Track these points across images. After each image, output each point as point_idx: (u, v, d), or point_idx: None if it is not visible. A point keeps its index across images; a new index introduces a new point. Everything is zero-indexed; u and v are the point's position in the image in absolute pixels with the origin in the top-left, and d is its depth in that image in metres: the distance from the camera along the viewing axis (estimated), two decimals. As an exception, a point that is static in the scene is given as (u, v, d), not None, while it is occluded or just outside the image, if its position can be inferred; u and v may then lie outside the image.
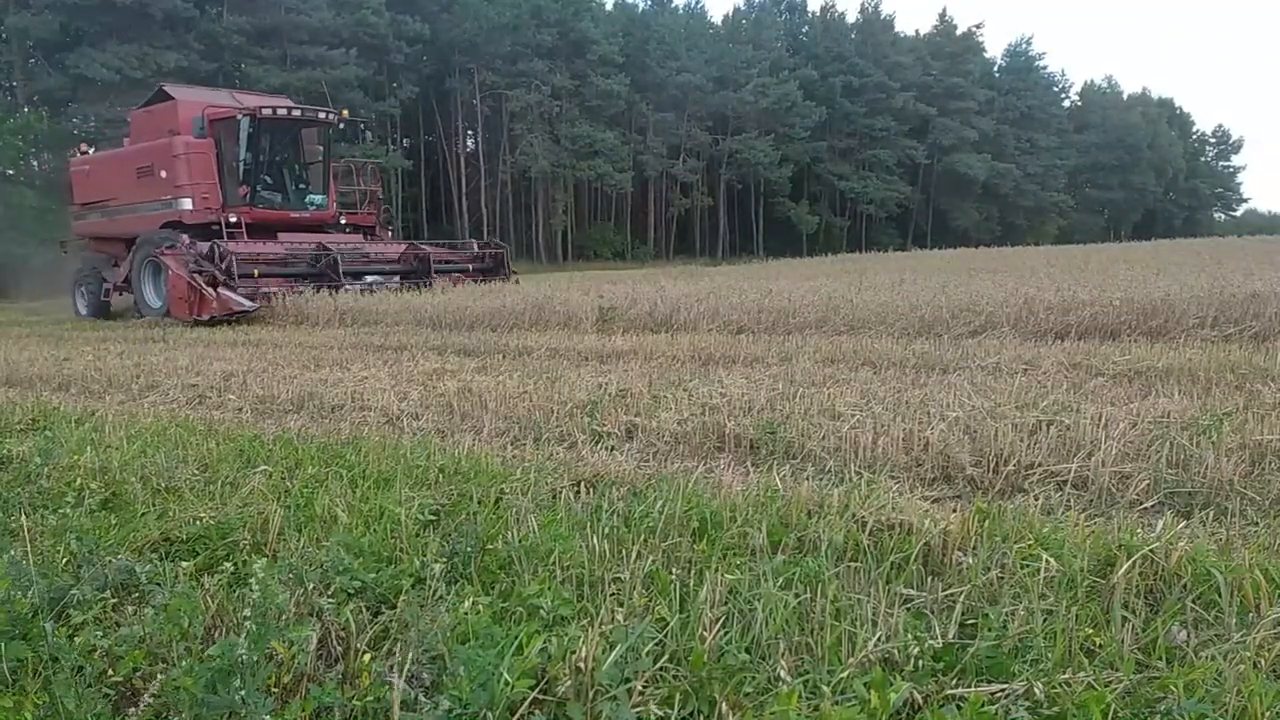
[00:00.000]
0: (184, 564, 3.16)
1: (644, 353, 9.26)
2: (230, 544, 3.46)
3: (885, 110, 72.54)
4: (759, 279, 20.82)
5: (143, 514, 3.84)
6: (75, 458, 4.72)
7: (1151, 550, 2.94)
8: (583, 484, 4.24)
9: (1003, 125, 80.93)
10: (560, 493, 4.03)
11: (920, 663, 2.35)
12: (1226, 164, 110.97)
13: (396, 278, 19.77)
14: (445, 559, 3.10)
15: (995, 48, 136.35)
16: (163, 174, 19.94)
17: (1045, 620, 2.56)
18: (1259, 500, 3.83)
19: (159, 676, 2.28)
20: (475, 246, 23.40)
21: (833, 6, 77.01)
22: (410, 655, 2.37)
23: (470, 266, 21.64)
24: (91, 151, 25.09)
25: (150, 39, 43.63)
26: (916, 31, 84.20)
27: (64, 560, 3.20)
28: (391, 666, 2.35)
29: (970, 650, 2.41)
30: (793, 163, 69.30)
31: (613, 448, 5.22)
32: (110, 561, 3.14)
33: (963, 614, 2.63)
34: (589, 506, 3.71)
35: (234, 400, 7.45)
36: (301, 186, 21.49)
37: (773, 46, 71.31)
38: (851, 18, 77.44)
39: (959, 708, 2.15)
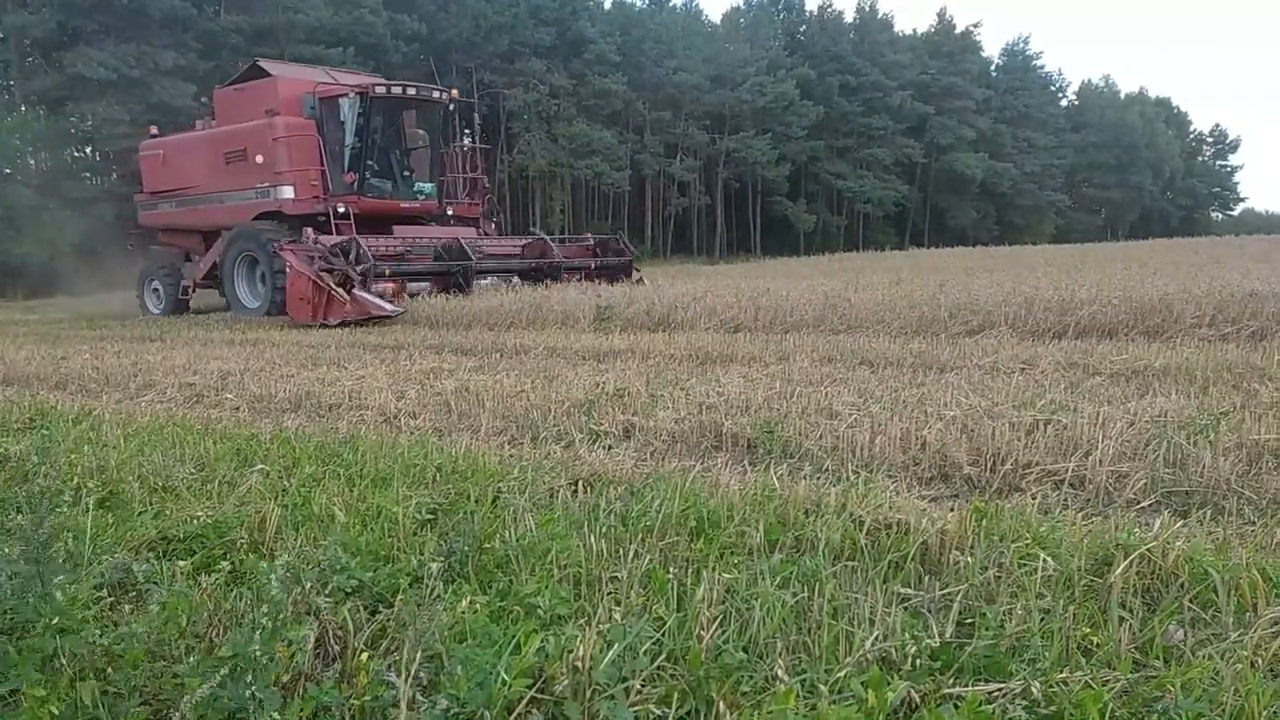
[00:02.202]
0: (181, 563, 3.16)
1: (641, 352, 9.26)
2: (227, 543, 3.46)
3: (882, 109, 72.45)
4: (756, 278, 20.81)
5: (140, 513, 3.84)
6: (72, 456, 4.71)
7: (1149, 549, 2.95)
8: (580, 483, 4.24)
9: (1000, 124, 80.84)
10: (558, 492, 4.03)
11: (918, 662, 2.35)
12: (1223, 163, 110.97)
13: (515, 276, 18.03)
14: (443, 558, 3.10)
15: (993, 47, 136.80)
16: (259, 159, 18.04)
17: (1042, 619, 2.57)
18: (1256, 499, 3.83)
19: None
20: (591, 241, 21.19)
21: (830, 5, 76.50)
22: (417, 655, 2.37)
23: (593, 264, 19.47)
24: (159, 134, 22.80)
25: (148, 38, 43.52)
26: (914, 30, 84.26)
27: (61, 559, 3.19)
28: (390, 666, 2.35)
29: (968, 649, 2.41)
30: (790, 162, 69.21)
31: (610, 447, 5.23)
32: (107, 560, 3.14)
33: (960, 613, 2.63)
34: (586, 505, 3.71)
35: (231, 399, 7.44)
36: (407, 174, 19.67)
37: (770, 45, 71.17)
38: (849, 17, 77.30)
39: (956, 707, 2.15)
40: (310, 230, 15.95)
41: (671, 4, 71.36)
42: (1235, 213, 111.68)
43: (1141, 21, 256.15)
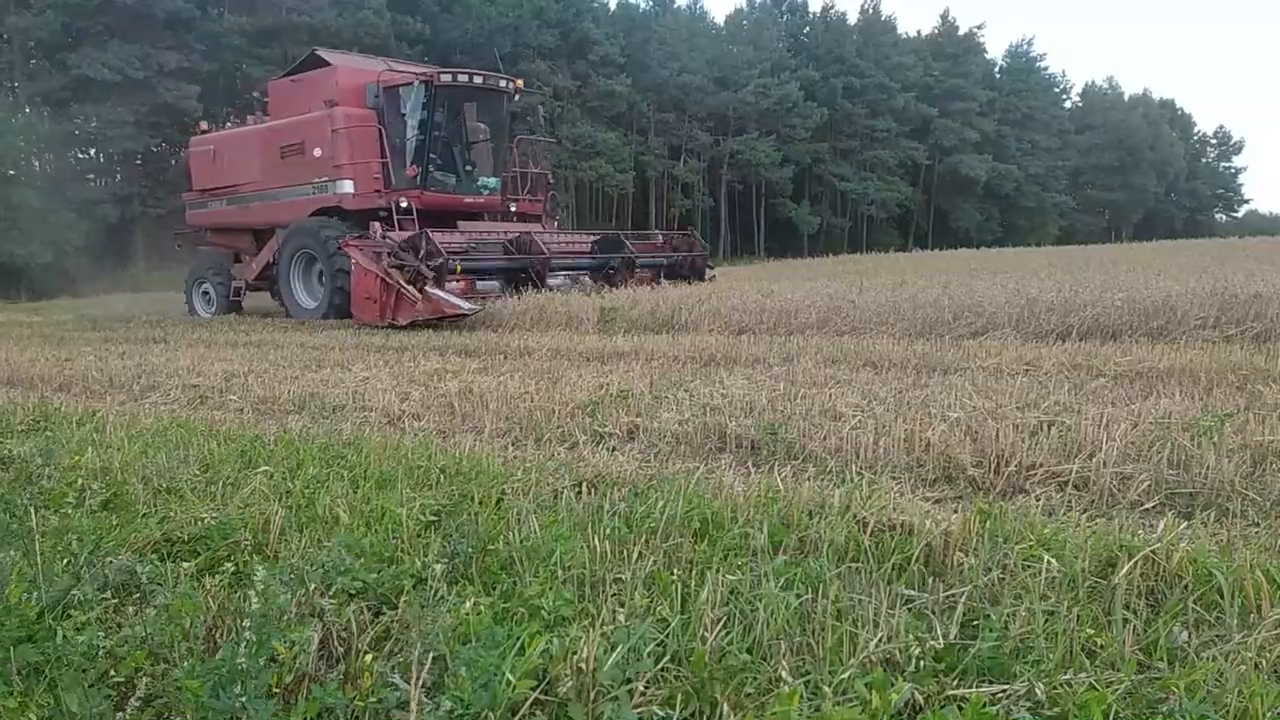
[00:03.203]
0: (185, 564, 3.16)
1: (645, 353, 9.26)
2: (232, 544, 3.46)
3: (886, 111, 72.47)
4: (760, 279, 20.80)
5: (144, 514, 3.84)
6: (76, 458, 4.72)
7: (1153, 551, 2.94)
8: (584, 484, 4.24)
9: (1004, 126, 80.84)
10: (561, 493, 4.03)
11: (921, 663, 2.34)
12: (1228, 165, 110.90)
13: (586, 275, 17.00)
14: (446, 559, 3.10)
15: (996, 49, 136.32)
16: (316, 152, 17.27)
17: (1046, 621, 2.56)
18: (1260, 501, 3.83)
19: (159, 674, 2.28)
20: (660, 238, 19.97)
21: (833, 7, 76.91)
22: (422, 656, 2.37)
23: (664, 261, 18.55)
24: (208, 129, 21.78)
25: (152, 39, 43.65)
26: (918, 32, 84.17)
27: (65, 561, 3.20)
28: (394, 667, 2.35)
29: (971, 651, 2.41)
30: (794, 163, 69.25)
31: (614, 448, 5.22)
32: (111, 562, 3.14)
33: (964, 615, 2.63)
34: (590, 507, 3.71)
35: (235, 401, 7.45)
36: (469, 168, 18.72)
37: (774, 47, 71.23)
38: (852, 19, 77.37)
39: (960, 708, 2.14)
40: (377, 225, 15.03)
41: (676, 5, 71.37)
42: (1239, 215, 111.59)
43: (1146, 23, 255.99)
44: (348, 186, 17.12)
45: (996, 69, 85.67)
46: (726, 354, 9.01)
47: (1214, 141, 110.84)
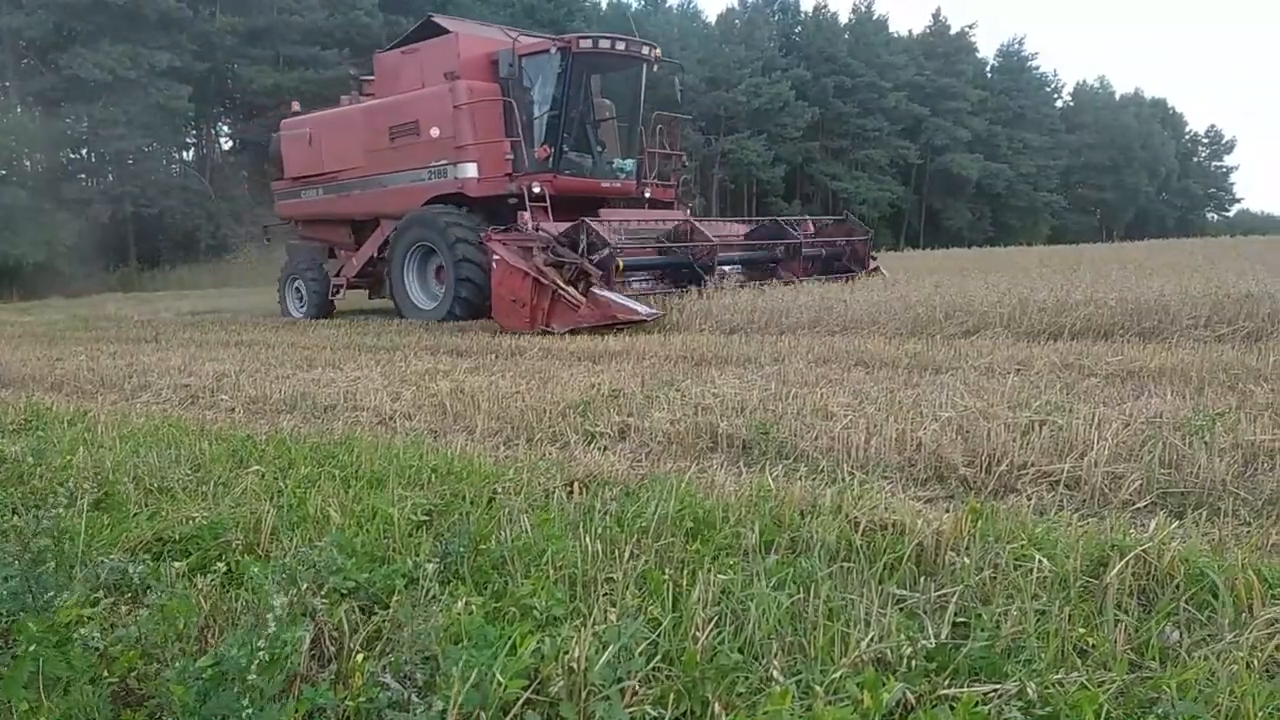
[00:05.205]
0: (176, 564, 3.15)
1: (636, 353, 9.26)
2: (223, 544, 3.46)
3: (878, 110, 72.54)
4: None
5: (135, 514, 3.83)
6: (68, 458, 4.71)
7: (1144, 550, 2.95)
8: (575, 484, 4.23)
9: (995, 125, 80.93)
10: (553, 493, 4.03)
11: (913, 663, 2.35)
12: (1219, 164, 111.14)
13: (739, 268, 15.27)
14: (438, 559, 3.10)
15: (988, 48, 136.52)
16: (434, 132, 15.27)
17: (1038, 620, 2.57)
18: (1251, 500, 3.84)
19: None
20: (811, 226, 17.49)
21: (825, 6, 76.48)
22: (413, 656, 2.36)
23: (823, 251, 16.57)
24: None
25: (143, 39, 43.49)
26: (910, 31, 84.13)
27: (51, 573, 3.19)
28: (385, 667, 2.35)
29: (963, 650, 2.41)
30: (785, 163, 69.28)
31: (605, 448, 5.22)
32: (103, 562, 3.14)
33: (955, 614, 2.63)
34: (582, 506, 3.70)
35: (227, 400, 7.43)
36: (600, 148, 16.45)
37: (765, 46, 71.22)
38: (844, 18, 77.43)
39: (952, 708, 2.15)
40: (526, 215, 13.28)
41: (667, 5, 71.33)
42: (1231, 214, 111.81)
43: (1137, 22, 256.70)
44: (471, 170, 15.08)
45: (988, 68, 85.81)
46: (718, 353, 9.00)
47: (1205, 140, 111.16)
